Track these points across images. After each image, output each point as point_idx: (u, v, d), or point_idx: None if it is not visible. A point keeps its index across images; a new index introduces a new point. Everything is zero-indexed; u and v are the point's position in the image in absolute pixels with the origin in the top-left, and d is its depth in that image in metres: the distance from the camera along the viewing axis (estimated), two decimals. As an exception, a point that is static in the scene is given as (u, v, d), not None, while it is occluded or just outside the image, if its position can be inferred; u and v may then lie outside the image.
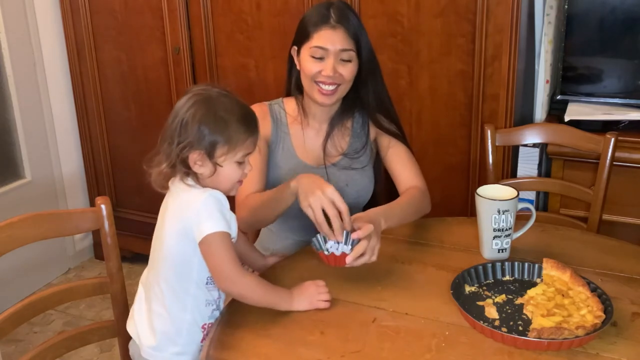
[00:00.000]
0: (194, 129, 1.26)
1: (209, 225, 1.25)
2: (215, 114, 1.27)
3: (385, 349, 1.21)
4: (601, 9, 2.28)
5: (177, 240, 1.31)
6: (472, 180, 2.31)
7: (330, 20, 1.61)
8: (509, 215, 1.48)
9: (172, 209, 1.32)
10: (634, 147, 2.12)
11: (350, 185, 1.74)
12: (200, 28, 2.58)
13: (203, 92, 1.30)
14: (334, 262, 1.38)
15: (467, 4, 2.14)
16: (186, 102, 1.29)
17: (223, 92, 1.32)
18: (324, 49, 1.61)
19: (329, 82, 1.62)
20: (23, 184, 2.88)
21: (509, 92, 2.16)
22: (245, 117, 1.31)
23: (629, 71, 2.29)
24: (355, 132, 1.78)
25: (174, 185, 1.33)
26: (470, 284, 1.40)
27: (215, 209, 1.27)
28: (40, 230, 1.43)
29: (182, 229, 1.28)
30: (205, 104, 1.28)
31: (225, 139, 1.27)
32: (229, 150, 1.28)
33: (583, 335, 1.18)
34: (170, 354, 1.34)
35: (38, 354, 1.42)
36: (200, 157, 1.27)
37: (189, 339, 1.34)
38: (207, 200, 1.27)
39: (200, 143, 1.26)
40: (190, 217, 1.27)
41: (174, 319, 1.33)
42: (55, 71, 2.96)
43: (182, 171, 1.29)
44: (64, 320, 2.72)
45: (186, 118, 1.27)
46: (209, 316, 1.35)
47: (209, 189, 1.29)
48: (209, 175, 1.29)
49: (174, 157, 1.27)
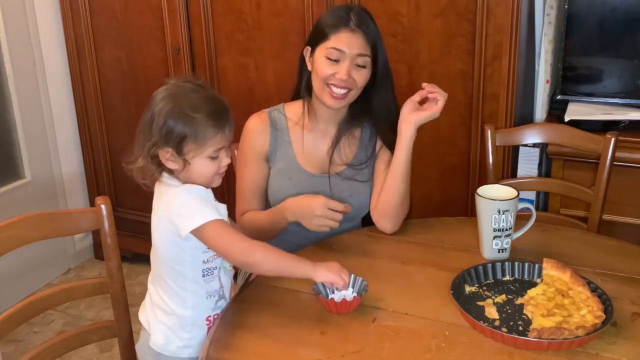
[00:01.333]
0: (160, 125, 1.25)
1: (192, 221, 1.25)
2: (180, 110, 1.26)
3: (385, 349, 1.21)
4: (601, 9, 2.28)
5: (166, 241, 1.32)
6: (472, 180, 2.30)
7: (350, 23, 1.59)
8: (509, 215, 1.48)
9: (157, 210, 1.33)
10: (634, 147, 2.12)
11: (354, 196, 1.73)
12: (200, 28, 2.58)
13: (174, 87, 1.29)
14: (335, 308, 1.33)
15: (467, 4, 2.14)
16: (157, 96, 1.29)
17: (194, 87, 1.30)
18: (341, 52, 1.59)
19: (341, 85, 1.60)
20: (23, 184, 2.88)
21: (509, 92, 2.16)
22: (214, 112, 1.28)
23: (629, 71, 2.29)
24: (362, 143, 1.76)
25: (158, 184, 1.33)
26: (470, 284, 1.40)
27: (194, 203, 1.26)
28: (40, 230, 1.43)
29: (168, 230, 1.30)
30: (173, 100, 1.27)
31: (192, 135, 1.26)
32: (197, 146, 1.27)
33: (583, 336, 1.18)
34: (175, 348, 1.36)
35: (38, 354, 1.42)
36: (169, 154, 1.27)
37: (193, 333, 1.36)
38: (184, 197, 1.27)
39: (167, 140, 1.25)
40: (172, 217, 1.27)
41: (176, 316, 1.35)
42: (55, 71, 2.96)
43: (156, 167, 1.29)
44: (63, 320, 2.71)
45: (154, 114, 1.27)
46: (212, 308, 1.36)
47: (186, 185, 1.29)
48: (181, 171, 1.29)
49: (146, 153, 1.27)
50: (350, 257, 1.55)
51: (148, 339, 1.41)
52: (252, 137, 1.71)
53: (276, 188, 1.72)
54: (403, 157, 1.64)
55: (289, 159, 1.72)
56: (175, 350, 1.36)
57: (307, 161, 1.73)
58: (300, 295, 1.41)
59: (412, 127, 1.62)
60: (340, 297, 1.34)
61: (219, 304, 1.37)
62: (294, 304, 1.38)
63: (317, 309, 1.35)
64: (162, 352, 1.38)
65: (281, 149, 1.73)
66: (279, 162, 1.72)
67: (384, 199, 1.67)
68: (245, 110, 2.56)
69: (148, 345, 1.40)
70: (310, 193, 1.70)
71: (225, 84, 2.62)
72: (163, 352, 1.37)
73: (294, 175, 1.71)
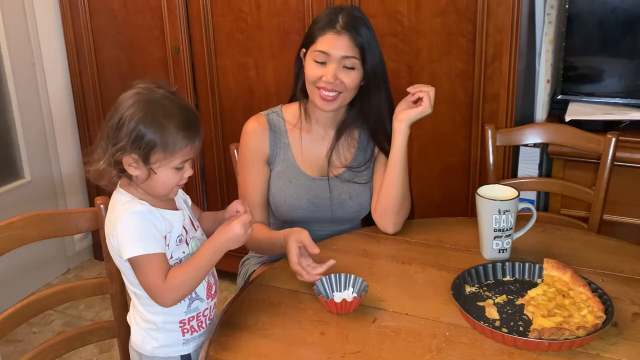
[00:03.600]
0: (129, 131, 1.21)
1: (126, 250, 1.23)
2: (153, 117, 1.21)
3: (385, 349, 1.21)
4: (602, 9, 2.28)
5: (114, 256, 1.31)
6: (473, 180, 2.30)
7: (336, 25, 1.58)
8: (510, 216, 1.48)
9: (105, 224, 1.31)
10: (635, 147, 2.12)
11: (353, 198, 1.73)
12: (200, 28, 2.58)
13: (146, 92, 1.25)
14: (335, 309, 1.32)
15: (468, 4, 2.14)
16: (127, 100, 1.24)
17: (167, 94, 1.25)
18: (326, 54, 1.58)
19: (329, 88, 1.60)
20: (22, 184, 2.88)
21: (510, 92, 2.16)
22: (186, 122, 1.24)
23: (629, 71, 2.29)
24: (361, 144, 1.76)
25: (113, 195, 1.31)
26: (470, 285, 1.40)
27: (131, 231, 1.23)
28: (40, 230, 1.43)
29: (112, 247, 1.28)
30: (145, 106, 1.22)
31: (162, 144, 1.21)
32: (166, 156, 1.23)
33: (584, 336, 1.18)
34: (152, 348, 1.35)
35: (38, 354, 1.42)
36: (134, 160, 1.23)
37: (166, 335, 1.34)
38: (126, 220, 1.23)
39: (135, 147, 1.21)
40: (113, 237, 1.25)
41: (148, 321, 1.34)
42: (55, 71, 2.96)
43: (117, 172, 1.26)
44: (63, 320, 2.71)
45: (124, 118, 1.22)
46: (185, 312, 1.33)
47: (129, 206, 1.25)
48: (143, 180, 1.25)
49: (109, 157, 1.23)
50: (350, 257, 1.55)
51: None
52: (253, 140, 1.70)
53: (276, 191, 1.71)
54: (398, 155, 1.64)
55: (288, 162, 1.72)
56: (152, 350, 1.35)
57: (306, 164, 1.73)
58: (300, 295, 1.41)
59: (404, 124, 1.62)
60: (340, 297, 1.34)
61: (192, 306, 1.34)
62: (294, 304, 1.37)
63: (317, 309, 1.35)
64: (140, 352, 1.38)
65: (281, 152, 1.72)
66: (279, 165, 1.72)
67: (384, 199, 1.67)
68: (245, 110, 2.58)
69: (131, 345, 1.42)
70: (310, 196, 1.70)
71: (225, 84, 2.62)
72: (141, 352, 1.37)
73: (293, 178, 1.71)
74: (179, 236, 1.29)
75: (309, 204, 1.70)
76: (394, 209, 1.66)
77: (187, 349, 1.36)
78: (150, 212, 1.25)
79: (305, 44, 1.65)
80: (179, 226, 1.30)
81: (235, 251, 1.32)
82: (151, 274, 1.23)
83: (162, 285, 1.23)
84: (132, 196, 1.28)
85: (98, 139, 1.27)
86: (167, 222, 1.27)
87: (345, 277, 1.39)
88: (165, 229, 1.26)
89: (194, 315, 1.34)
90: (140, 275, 1.25)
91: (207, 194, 2.82)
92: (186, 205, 1.38)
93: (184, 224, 1.32)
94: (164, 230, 1.26)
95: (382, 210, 1.68)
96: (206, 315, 1.37)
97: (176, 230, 1.29)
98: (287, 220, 1.72)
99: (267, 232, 1.64)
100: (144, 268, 1.23)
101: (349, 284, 1.38)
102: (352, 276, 1.38)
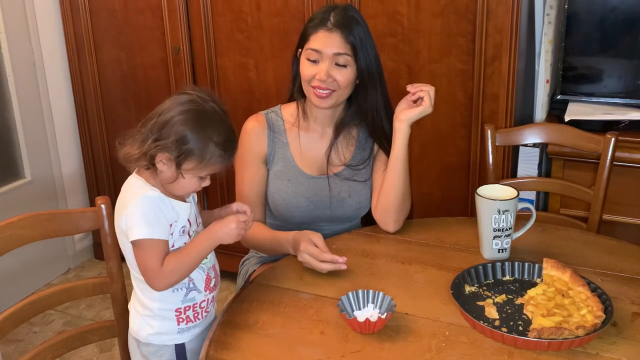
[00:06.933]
0: (176, 134, 1.26)
1: (133, 232, 1.27)
2: (201, 129, 1.27)
3: (385, 349, 1.21)
4: (601, 9, 2.28)
5: (121, 238, 1.35)
6: (472, 180, 2.31)
7: (327, 23, 1.59)
8: (509, 215, 1.48)
9: (116, 206, 1.35)
10: (634, 147, 2.12)
11: (352, 196, 1.73)
12: (200, 28, 2.58)
13: (201, 101, 1.30)
14: (359, 328, 1.25)
15: (467, 4, 2.14)
16: (180, 105, 1.28)
17: (218, 110, 1.31)
18: (318, 52, 1.59)
19: (322, 86, 1.60)
20: (23, 184, 2.88)
21: (509, 92, 2.16)
22: (227, 143, 1.30)
23: (629, 71, 2.29)
24: (360, 142, 1.76)
25: (128, 179, 1.35)
26: (470, 284, 1.40)
27: (140, 216, 1.27)
28: (40, 230, 1.43)
29: (121, 229, 1.32)
30: (197, 116, 1.27)
31: (200, 156, 1.27)
32: (198, 167, 1.28)
33: (583, 335, 1.18)
34: (147, 334, 1.39)
35: (38, 354, 1.42)
36: (167, 159, 1.27)
37: (162, 322, 1.38)
38: (138, 204, 1.28)
39: (174, 149, 1.26)
40: (122, 218, 1.29)
41: (146, 306, 1.38)
42: (55, 71, 2.96)
43: (146, 162, 1.29)
44: (63, 320, 2.72)
45: (174, 120, 1.27)
46: (181, 300, 1.36)
47: (142, 192, 1.30)
48: (168, 179, 1.30)
49: (146, 148, 1.27)
50: (350, 256, 1.55)
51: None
52: (251, 139, 1.71)
53: (274, 190, 1.71)
54: (399, 154, 1.64)
55: (287, 160, 1.72)
56: (147, 337, 1.39)
57: (305, 163, 1.73)
58: (300, 295, 1.41)
59: (405, 124, 1.62)
60: (363, 316, 1.26)
61: (189, 296, 1.37)
62: (294, 304, 1.38)
63: (317, 309, 1.35)
64: (137, 338, 1.41)
65: (279, 151, 1.72)
66: (277, 164, 1.72)
67: (384, 198, 1.67)
68: (245, 110, 2.58)
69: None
70: (309, 194, 1.70)
71: (225, 84, 2.62)
72: (138, 338, 1.41)
73: (292, 177, 1.71)
74: (183, 227, 1.33)
75: (307, 202, 1.71)
76: (395, 208, 1.67)
77: (182, 338, 1.39)
78: (161, 199, 1.30)
79: (300, 44, 1.66)
80: (184, 218, 1.34)
81: (235, 251, 1.32)
82: (151, 258, 1.28)
83: (158, 269, 1.28)
84: (145, 182, 1.32)
85: (139, 127, 1.31)
86: (175, 212, 1.32)
87: (374, 295, 1.31)
88: (172, 217, 1.31)
89: (190, 305, 1.37)
90: (139, 257, 1.30)
91: (207, 193, 2.82)
92: (193, 200, 1.42)
93: (189, 217, 1.36)
94: (171, 218, 1.31)
95: (383, 209, 1.68)
96: (202, 307, 1.39)
97: (182, 221, 1.33)
98: (286, 219, 1.73)
99: (270, 231, 1.66)
100: (145, 251, 1.28)
101: (377, 301, 1.30)
102: (381, 293, 1.30)
